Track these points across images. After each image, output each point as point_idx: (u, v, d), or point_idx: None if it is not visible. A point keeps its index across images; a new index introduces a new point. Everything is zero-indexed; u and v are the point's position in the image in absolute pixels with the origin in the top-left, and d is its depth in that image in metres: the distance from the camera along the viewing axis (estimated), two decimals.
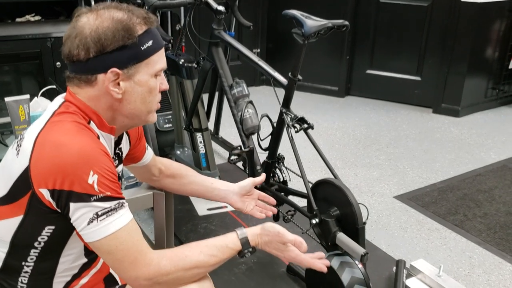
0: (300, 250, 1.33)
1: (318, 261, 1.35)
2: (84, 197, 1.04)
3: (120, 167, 1.41)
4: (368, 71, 4.77)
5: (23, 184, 1.08)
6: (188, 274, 1.16)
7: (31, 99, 1.89)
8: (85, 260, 1.25)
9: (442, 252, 2.44)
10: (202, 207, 2.60)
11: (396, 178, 3.23)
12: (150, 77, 1.17)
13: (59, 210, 1.08)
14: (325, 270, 1.35)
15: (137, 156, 1.51)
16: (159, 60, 1.18)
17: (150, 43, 1.15)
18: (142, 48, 1.14)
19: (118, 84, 1.14)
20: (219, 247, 1.23)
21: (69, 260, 1.20)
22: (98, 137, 1.18)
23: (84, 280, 1.26)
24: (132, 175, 1.76)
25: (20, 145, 1.11)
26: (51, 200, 1.06)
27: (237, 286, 2.05)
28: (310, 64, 4.28)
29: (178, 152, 2.95)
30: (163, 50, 1.20)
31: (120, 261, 1.09)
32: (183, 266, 1.15)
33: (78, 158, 1.04)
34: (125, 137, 1.40)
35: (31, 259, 1.16)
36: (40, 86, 2.96)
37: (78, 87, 1.16)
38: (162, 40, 1.21)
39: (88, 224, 1.06)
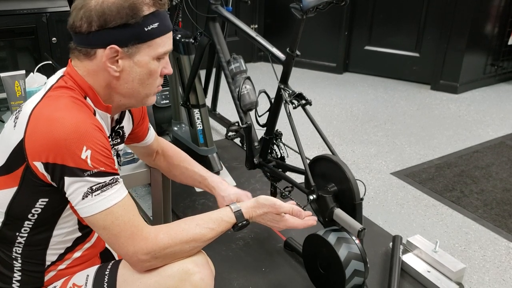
0: (300, 218, 1.38)
1: (310, 220, 1.42)
2: (78, 172, 1.05)
3: (121, 145, 1.41)
4: (367, 47, 4.74)
5: (18, 156, 1.08)
6: (186, 247, 1.17)
7: (27, 75, 1.87)
8: (79, 234, 1.26)
9: (438, 228, 2.46)
10: None
11: (394, 154, 3.24)
12: (152, 59, 1.16)
13: (54, 184, 1.09)
14: (315, 223, 1.43)
15: (139, 136, 1.51)
16: (164, 43, 1.16)
17: (155, 25, 1.13)
18: (146, 29, 1.12)
19: (117, 61, 1.14)
20: (214, 220, 1.23)
21: (63, 233, 1.22)
22: (94, 113, 1.18)
23: (77, 254, 1.28)
24: (129, 151, 1.76)
25: (17, 117, 1.11)
26: (45, 173, 1.07)
27: (234, 261, 2.07)
28: (308, 40, 4.26)
29: (176, 128, 2.94)
30: (170, 34, 1.18)
31: (117, 237, 1.10)
32: (181, 239, 1.16)
33: (71, 133, 1.04)
34: (127, 116, 1.40)
35: (25, 230, 1.17)
36: (36, 61, 2.93)
37: (78, 59, 1.17)
38: (171, 24, 1.19)
39: (83, 198, 1.07)
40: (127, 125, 1.41)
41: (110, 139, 1.31)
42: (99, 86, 1.17)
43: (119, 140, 1.38)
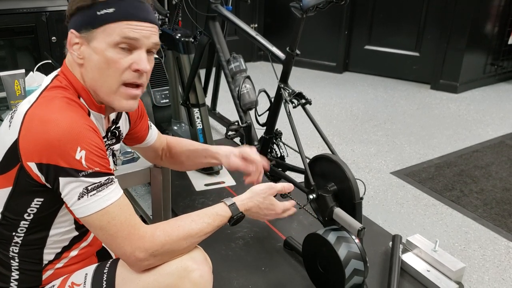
0: (291, 189, 1.39)
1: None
2: (72, 172, 1.05)
3: (117, 145, 1.40)
4: (367, 47, 4.74)
5: (12, 156, 1.08)
6: (183, 243, 1.16)
7: (26, 74, 1.87)
8: (76, 233, 1.25)
9: (438, 227, 2.46)
10: (199, 183, 2.61)
11: (393, 154, 3.23)
12: (108, 46, 1.11)
13: (48, 185, 1.09)
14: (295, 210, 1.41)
15: (140, 136, 1.50)
16: (121, 30, 1.10)
17: (110, 10, 1.10)
18: (98, 13, 1.10)
19: (80, 48, 1.15)
20: (209, 215, 1.23)
21: (60, 233, 1.21)
22: (89, 114, 1.17)
23: (73, 253, 1.27)
24: (129, 150, 1.75)
25: (13, 117, 1.11)
26: (39, 174, 1.07)
27: (234, 261, 2.06)
28: (308, 39, 4.26)
29: (175, 127, 2.94)
30: (133, 22, 1.11)
31: (114, 237, 1.10)
32: (177, 235, 1.15)
33: (64, 134, 1.03)
34: (124, 116, 1.40)
35: (21, 230, 1.17)
36: (35, 61, 2.93)
37: (66, 53, 1.20)
38: (138, 13, 1.13)
39: (79, 199, 1.06)
40: (124, 125, 1.40)
41: (105, 140, 1.30)
42: (81, 79, 1.17)
43: (114, 141, 1.37)
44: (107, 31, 1.11)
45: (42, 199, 1.13)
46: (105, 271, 1.21)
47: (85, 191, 1.06)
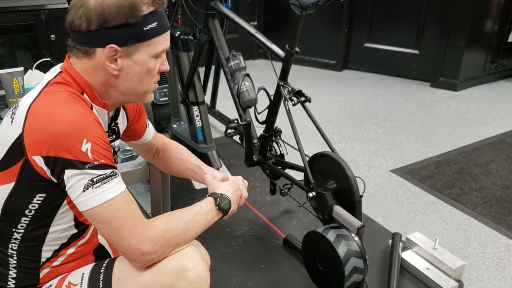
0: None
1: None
2: (78, 165, 1.05)
3: (117, 142, 1.40)
4: (366, 45, 4.73)
5: (16, 151, 1.08)
6: (179, 231, 1.18)
7: (25, 72, 1.87)
8: (75, 231, 1.26)
9: (438, 225, 2.46)
10: None
11: (393, 152, 3.23)
12: (150, 57, 1.16)
13: (53, 179, 1.09)
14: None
15: (137, 133, 1.50)
16: (162, 42, 1.17)
17: (154, 24, 1.14)
18: (145, 29, 1.13)
19: (116, 60, 1.14)
20: (196, 204, 1.27)
21: (60, 230, 1.22)
22: (92, 108, 1.18)
23: (71, 250, 1.28)
24: (128, 148, 1.75)
25: (15, 113, 1.11)
26: (44, 167, 1.07)
27: (233, 259, 2.06)
28: (307, 37, 4.25)
29: (175, 125, 2.94)
30: (167, 33, 1.19)
31: (119, 229, 1.09)
32: (173, 222, 1.17)
33: (70, 127, 1.04)
34: (122, 113, 1.40)
35: (22, 226, 1.17)
36: (34, 59, 2.93)
37: (76, 57, 1.17)
38: (168, 23, 1.19)
39: (84, 191, 1.06)
40: (121, 121, 1.41)
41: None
42: (96, 83, 1.17)
43: (114, 137, 1.38)
44: (151, 45, 1.16)
45: (44, 195, 1.13)
46: (101, 271, 1.21)
47: (90, 183, 1.06)
